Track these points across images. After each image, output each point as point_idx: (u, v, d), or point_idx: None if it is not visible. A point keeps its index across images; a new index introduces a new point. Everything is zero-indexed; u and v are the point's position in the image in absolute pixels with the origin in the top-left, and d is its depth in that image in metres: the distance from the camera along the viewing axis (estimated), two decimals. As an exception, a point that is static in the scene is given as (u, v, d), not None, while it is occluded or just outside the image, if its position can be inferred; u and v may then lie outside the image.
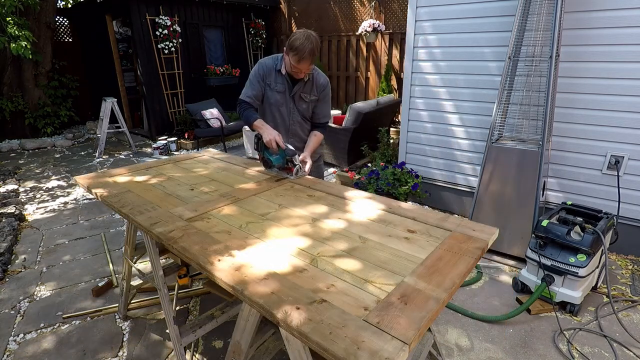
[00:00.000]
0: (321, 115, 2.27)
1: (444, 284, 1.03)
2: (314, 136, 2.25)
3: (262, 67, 2.11)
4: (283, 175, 1.95)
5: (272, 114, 2.22)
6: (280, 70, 2.10)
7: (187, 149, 6.34)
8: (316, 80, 2.17)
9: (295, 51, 1.89)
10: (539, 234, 2.31)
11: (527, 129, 2.80)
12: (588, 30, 2.66)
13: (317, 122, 2.30)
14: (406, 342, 0.82)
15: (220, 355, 1.99)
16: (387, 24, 6.44)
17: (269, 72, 2.11)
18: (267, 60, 2.14)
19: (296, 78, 2.07)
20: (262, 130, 1.96)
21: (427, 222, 1.43)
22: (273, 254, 1.21)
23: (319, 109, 2.25)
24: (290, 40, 1.91)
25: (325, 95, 2.22)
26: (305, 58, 1.90)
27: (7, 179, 4.81)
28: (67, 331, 2.18)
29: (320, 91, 2.20)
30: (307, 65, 1.96)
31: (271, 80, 2.12)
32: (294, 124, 2.25)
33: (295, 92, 2.14)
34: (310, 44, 1.88)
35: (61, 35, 8.14)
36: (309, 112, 2.25)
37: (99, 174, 2.06)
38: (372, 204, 1.61)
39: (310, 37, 1.90)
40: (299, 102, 2.18)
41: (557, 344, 2.04)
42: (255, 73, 2.12)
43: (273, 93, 2.15)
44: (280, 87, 2.13)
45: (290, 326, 0.89)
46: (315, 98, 2.20)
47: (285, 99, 2.16)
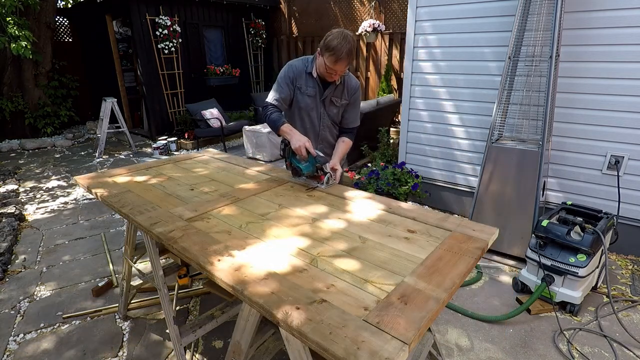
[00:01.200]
0: (350, 120, 2.18)
1: (444, 284, 1.03)
2: (342, 142, 2.16)
3: (291, 69, 2.01)
4: (312, 183, 1.85)
5: (301, 119, 2.11)
6: (311, 73, 1.99)
7: (187, 149, 6.34)
8: (347, 83, 2.06)
9: (332, 51, 1.79)
10: (539, 234, 2.31)
11: (527, 129, 2.80)
12: (588, 30, 2.66)
13: (346, 128, 2.20)
14: (406, 342, 0.82)
15: (220, 355, 1.99)
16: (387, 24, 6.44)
17: (299, 75, 2.01)
18: (296, 62, 2.04)
19: (329, 81, 1.97)
20: (290, 135, 1.84)
21: (427, 222, 1.43)
22: (273, 254, 1.21)
23: (349, 114, 2.16)
24: (326, 40, 1.81)
25: (356, 99, 2.13)
26: (342, 59, 1.80)
27: (7, 179, 4.82)
28: (67, 331, 2.18)
29: (351, 95, 2.09)
30: (344, 67, 1.86)
31: (302, 83, 2.02)
32: (323, 129, 2.15)
33: (326, 96, 2.04)
34: (348, 44, 1.77)
35: (61, 35, 8.14)
36: (338, 117, 2.15)
37: (99, 174, 2.06)
38: (372, 204, 1.61)
39: (348, 37, 1.79)
40: (329, 107, 2.09)
41: (557, 344, 2.04)
42: (284, 75, 2.00)
43: (303, 97, 2.04)
44: (311, 90, 2.02)
45: (290, 326, 0.89)
46: (346, 102, 2.10)
47: (315, 103, 2.06)
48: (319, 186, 1.81)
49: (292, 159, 1.89)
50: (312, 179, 1.87)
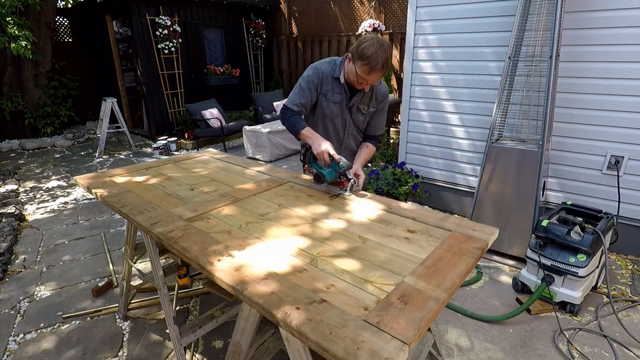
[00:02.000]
0: (376, 127, 2.07)
1: (443, 284, 1.03)
2: (366, 148, 2.04)
3: (317, 73, 1.86)
4: (334, 190, 1.75)
5: (324, 126, 1.99)
6: (338, 78, 1.86)
7: (187, 149, 6.34)
8: (376, 90, 1.93)
9: (366, 60, 1.65)
10: (539, 234, 2.31)
11: (527, 129, 2.80)
12: (588, 30, 2.66)
13: (371, 134, 2.09)
14: (406, 342, 0.82)
15: (220, 355, 1.99)
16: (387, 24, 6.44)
17: (326, 80, 1.87)
18: (323, 65, 1.88)
19: (357, 88, 1.84)
20: (311, 140, 1.73)
21: (427, 222, 1.43)
22: (273, 254, 1.21)
23: (375, 121, 2.04)
24: (360, 47, 1.66)
25: (383, 106, 2.01)
26: (377, 70, 1.66)
27: (7, 179, 4.82)
28: (67, 331, 2.18)
29: (379, 102, 1.98)
30: (377, 78, 1.73)
31: (328, 89, 1.88)
32: (348, 137, 2.04)
33: (353, 104, 1.91)
34: (384, 54, 1.64)
35: (61, 35, 8.15)
36: (364, 124, 2.04)
37: (99, 174, 2.06)
38: (372, 204, 1.61)
39: (384, 45, 1.65)
40: (356, 114, 1.96)
41: (557, 344, 2.04)
42: (309, 80, 1.86)
43: (329, 104, 1.90)
44: (337, 97, 1.89)
45: (290, 326, 0.89)
46: (373, 110, 1.98)
47: (341, 110, 1.93)
48: (342, 193, 1.71)
49: (313, 165, 1.79)
50: (335, 185, 1.77)
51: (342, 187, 1.74)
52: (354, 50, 1.70)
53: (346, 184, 1.73)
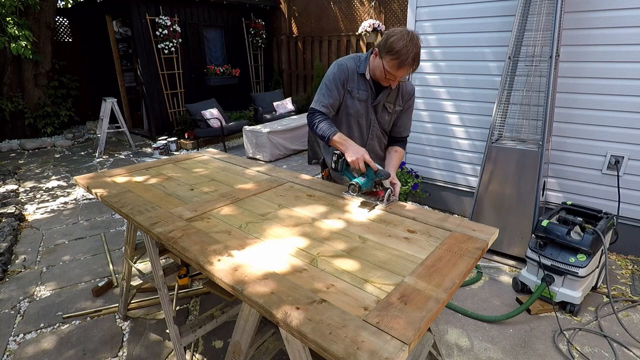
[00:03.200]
0: (403, 128, 1.94)
1: (443, 284, 1.03)
2: (395, 152, 1.92)
3: (342, 69, 1.75)
4: (370, 200, 1.62)
5: (348, 127, 1.87)
6: (363, 75, 1.75)
7: (187, 149, 6.34)
8: (403, 87, 1.81)
9: (395, 55, 1.54)
10: (539, 234, 2.31)
11: (527, 129, 2.80)
12: (588, 30, 2.66)
13: (398, 136, 1.96)
14: (406, 342, 0.82)
15: (220, 355, 1.99)
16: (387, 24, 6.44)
17: (351, 76, 1.75)
18: (347, 61, 1.78)
19: (384, 85, 1.72)
20: (344, 146, 1.62)
21: (427, 222, 1.43)
22: (273, 254, 1.21)
23: (402, 121, 1.91)
24: (389, 40, 1.55)
25: (410, 105, 1.89)
26: (406, 65, 1.55)
27: (7, 179, 4.82)
28: (67, 331, 2.18)
29: (406, 100, 1.85)
30: (406, 73, 1.62)
31: (353, 85, 1.76)
32: (372, 139, 1.91)
33: (378, 102, 1.79)
34: (415, 48, 1.53)
35: (61, 35, 8.14)
36: (389, 125, 1.91)
37: (99, 174, 2.06)
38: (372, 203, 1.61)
39: (414, 38, 1.54)
40: (381, 113, 1.84)
41: (557, 344, 2.04)
42: (334, 77, 1.74)
43: (354, 102, 1.79)
44: (363, 94, 1.77)
45: (290, 326, 0.89)
46: (399, 109, 1.86)
47: (366, 109, 1.81)
48: (378, 204, 1.59)
49: (346, 173, 1.68)
50: (369, 195, 1.65)
51: (378, 197, 1.62)
52: (381, 44, 1.59)
53: (381, 193, 1.61)
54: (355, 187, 1.59)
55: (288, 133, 5.66)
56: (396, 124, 1.92)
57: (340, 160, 1.66)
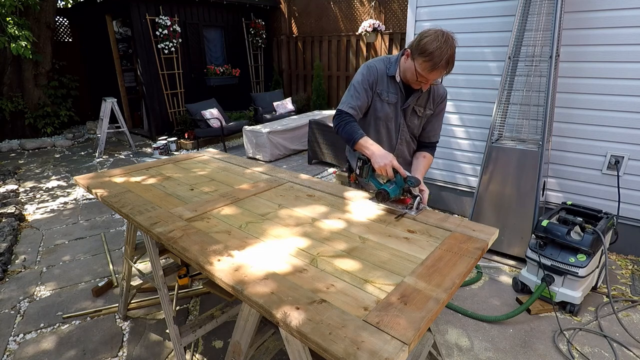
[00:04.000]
0: (433, 133, 1.87)
1: (443, 284, 1.03)
2: (424, 158, 1.85)
3: (372, 71, 1.70)
4: (398, 209, 1.53)
5: (376, 131, 1.81)
6: (393, 77, 1.69)
7: (187, 149, 6.34)
8: (434, 90, 1.75)
9: (428, 57, 1.47)
10: (539, 234, 2.31)
11: (527, 129, 2.80)
12: (588, 30, 2.66)
13: (427, 142, 1.89)
14: (406, 342, 0.82)
15: (220, 355, 1.99)
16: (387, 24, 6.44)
17: (381, 78, 1.71)
18: (377, 63, 1.73)
19: (414, 88, 1.67)
20: (370, 151, 1.54)
21: (427, 222, 1.43)
22: (273, 254, 1.21)
23: (432, 126, 1.85)
24: (422, 41, 1.49)
25: (442, 109, 1.82)
26: (440, 67, 1.49)
27: (7, 179, 4.82)
28: (67, 331, 2.18)
29: (437, 104, 1.79)
30: (439, 76, 1.56)
31: (382, 88, 1.71)
32: (401, 143, 1.84)
33: (408, 105, 1.73)
34: (449, 49, 1.46)
35: (61, 35, 8.14)
36: (419, 130, 1.85)
37: (99, 174, 2.06)
38: (372, 204, 1.61)
39: (449, 39, 1.47)
40: (410, 117, 1.78)
41: (557, 344, 2.04)
42: (363, 79, 1.70)
43: (383, 105, 1.73)
44: (393, 97, 1.72)
45: (290, 326, 0.89)
46: (430, 113, 1.79)
47: (395, 113, 1.75)
48: (407, 212, 1.50)
49: (372, 180, 1.59)
50: (397, 202, 1.56)
51: (405, 205, 1.53)
52: (413, 45, 1.53)
53: (408, 200, 1.52)
54: (383, 195, 1.49)
55: (288, 133, 5.66)
56: (425, 129, 1.85)
57: (365, 165, 1.57)
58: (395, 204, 1.55)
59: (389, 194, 1.48)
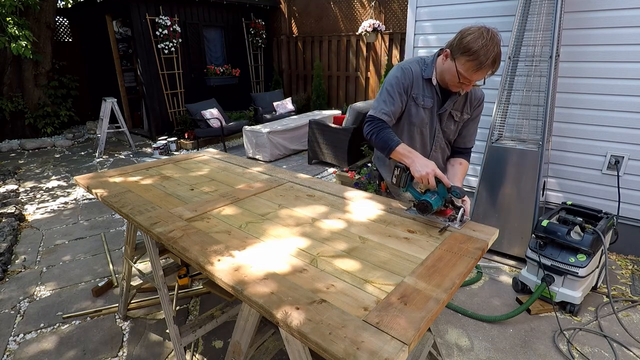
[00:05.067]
0: (469, 138, 1.77)
1: (443, 284, 1.03)
2: (460, 165, 1.74)
3: (406, 74, 1.59)
4: (439, 221, 1.42)
5: (410, 137, 1.69)
6: (430, 80, 1.59)
7: (187, 149, 6.34)
8: (471, 93, 1.64)
9: (472, 56, 1.37)
10: (539, 234, 2.31)
11: (527, 129, 2.80)
12: (588, 30, 2.66)
13: (463, 147, 1.78)
14: (406, 342, 0.82)
15: (220, 355, 1.99)
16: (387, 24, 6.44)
17: (416, 82, 1.59)
18: (411, 64, 1.61)
19: (453, 91, 1.56)
20: (410, 159, 1.42)
21: (427, 222, 1.43)
22: (273, 254, 1.21)
23: (468, 130, 1.74)
24: (465, 39, 1.38)
25: (479, 112, 1.72)
26: (485, 67, 1.39)
27: (7, 179, 4.82)
28: (67, 331, 2.18)
29: (474, 107, 1.68)
30: (482, 77, 1.46)
31: (418, 92, 1.60)
32: (436, 150, 1.73)
33: (444, 110, 1.62)
34: (496, 47, 1.38)
35: (61, 35, 8.14)
36: (454, 135, 1.74)
37: (99, 174, 2.06)
38: (372, 203, 1.61)
39: (495, 37, 1.38)
40: (447, 123, 1.67)
41: (557, 344, 2.04)
42: (397, 82, 1.58)
43: (419, 110, 1.62)
44: (429, 101, 1.61)
45: (290, 326, 0.89)
46: (467, 117, 1.69)
47: (431, 118, 1.65)
48: (449, 224, 1.38)
49: (411, 190, 1.48)
50: (436, 214, 1.45)
51: (447, 217, 1.42)
52: (454, 44, 1.43)
53: (449, 212, 1.42)
54: (425, 207, 1.38)
55: (288, 133, 5.66)
56: (461, 134, 1.75)
57: (404, 174, 1.45)
58: (434, 216, 1.44)
59: (431, 205, 1.37)
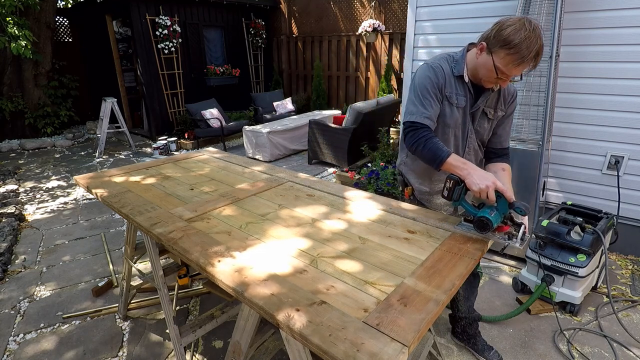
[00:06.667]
0: (505, 137, 1.63)
1: (443, 285, 1.03)
2: (503, 171, 1.58)
3: (438, 73, 1.48)
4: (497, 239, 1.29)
5: (445, 140, 1.56)
6: (461, 77, 1.48)
7: (187, 149, 6.34)
8: (504, 89, 1.54)
9: (514, 49, 1.26)
10: (539, 234, 2.31)
11: (527, 128, 2.80)
12: (588, 30, 2.66)
13: (499, 148, 1.63)
14: (406, 344, 0.82)
15: (220, 355, 1.99)
16: (387, 24, 6.43)
17: (448, 80, 1.49)
18: (441, 62, 1.51)
19: (486, 87, 1.46)
20: (466, 171, 1.30)
21: (427, 222, 1.43)
22: (273, 255, 1.21)
23: (503, 129, 1.61)
24: (505, 31, 1.27)
25: (513, 109, 1.60)
26: (527, 61, 1.28)
27: (7, 179, 4.81)
28: (67, 331, 2.18)
29: (508, 103, 1.57)
30: (521, 72, 1.35)
31: (451, 91, 1.49)
32: (469, 152, 1.60)
33: (477, 107, 1.51)
34: (538, 40, 1.26)
35: (61, 35, 8.14)
36: (488, 135, 1.62)
37: (99, 174, 2.05)
38: (372, 204, 1.61)
39: (537, 29, 1.26)
40: (480, 121, 1.55)
41: (557, 344, 2.04)
42: (431, 82, 1.46)
43: (453, 110, 1.50)
44: (462, 100, 1.50)
45: (291, 329, 0.89)
46: (501, 114, 1.57)
47: (464, 117, 1.53)
48: (509, 244, 1.26)
49: (464, 204, 1.35)
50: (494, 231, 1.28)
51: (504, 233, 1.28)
52: (491, 37, 1.32)
53: (507, 228, 1.27)
54: (485, 224, 1.24)
55: (288, 133, 5.66)
56: (496, 133, 1.61)
57: (457, 187, 1.31)
58: (492, 234, 1.29)
59: (492, 222, 1.23)
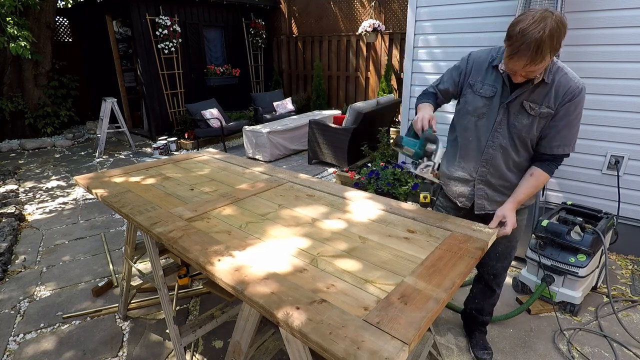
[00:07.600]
0: (557, 142, 1.43)
1: (443, 284, 1.03)
2: (530, 176, 1.50)
3: (469, 60, 1.55)
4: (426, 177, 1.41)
5: (463, 127, 1.58)
6: (497, 67, 1.44)
7: (187, 149, 6.34)
8: (559, 84, 1.36)
9: (509, 40, 1.25)
10: (539, 234, 2.31)
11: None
12: (588, 30, 2.66)
13: (548, 153, 1.47)
14: (406, 342, 0.82)
15: (220, 355, 1.99)
16: (387, 24, 6.44)
17: (478, 68, 1.51)
18: (481, 52, 1.53)
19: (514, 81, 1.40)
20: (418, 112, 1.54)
21: (427, 222, 1.43)
22: (273, 254, 1.21)
23: (556, 131, 1.41)
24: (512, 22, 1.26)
25: (570, 110, 1.38)
26: (522, 52, 1.21)
27: (7, 179, 4.81)
28: (67, 331, 2.18)
29: (562, 102, 1.37)
30: (522, 66, 1.26)
31: (477, 79, 1.50)
32: (494, 148, 1.50)
33: (513, 98, 1.41)
34: (539, 32, 1.16)
35: (61, 35, 8.14)
36: (530, 135, 1.44)
37: (99, 174, 2.06)
38: (372, 204, 1.61)
39: (547, 19, 1.17)
40: (516, 115, 1.44)
41: (557, 344, 2.04)
42: (455, 66, 1.60)
43: (475, 98, 1.51)
44: (488, 90, 1.47)
45: (290, 326, 0.89)
46: (549, 112, 1.39)
47: (490, 108, 1.48)
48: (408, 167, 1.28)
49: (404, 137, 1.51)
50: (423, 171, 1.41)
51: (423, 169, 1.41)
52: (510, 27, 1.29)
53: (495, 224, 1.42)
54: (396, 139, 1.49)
55: (288, 133, 5.66)
56: (547, 135, 1.43)
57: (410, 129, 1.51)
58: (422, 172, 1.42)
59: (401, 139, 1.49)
